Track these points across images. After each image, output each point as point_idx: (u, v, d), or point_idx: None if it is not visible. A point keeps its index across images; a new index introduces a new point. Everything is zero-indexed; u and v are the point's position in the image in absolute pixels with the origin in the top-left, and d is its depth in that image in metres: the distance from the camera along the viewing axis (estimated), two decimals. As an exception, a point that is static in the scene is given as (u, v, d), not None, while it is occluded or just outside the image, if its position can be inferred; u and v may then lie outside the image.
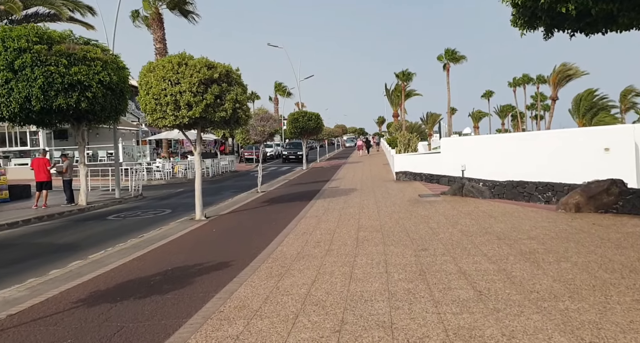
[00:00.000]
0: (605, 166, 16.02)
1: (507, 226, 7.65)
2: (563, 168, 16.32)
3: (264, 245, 7.60)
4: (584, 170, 15.95)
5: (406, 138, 30.66)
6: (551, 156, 16.69)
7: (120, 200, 16.59)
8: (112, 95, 14.41)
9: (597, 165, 16.10)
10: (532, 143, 17.19)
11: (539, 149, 16.87)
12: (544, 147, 16.91)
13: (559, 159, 16.59)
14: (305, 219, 9.99)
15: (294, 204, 12.67)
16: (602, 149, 16.36)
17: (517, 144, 17.51)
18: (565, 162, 16.51)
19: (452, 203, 10.99)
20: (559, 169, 16.41)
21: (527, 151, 16.99)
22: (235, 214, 11.74)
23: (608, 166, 15.96)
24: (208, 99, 10.10)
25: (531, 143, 17.20)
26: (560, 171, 16.16)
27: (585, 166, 16.13)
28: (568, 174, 15.12)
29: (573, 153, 16.51)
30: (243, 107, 10.91)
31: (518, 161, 16.85)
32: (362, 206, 11.38)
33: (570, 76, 60.19)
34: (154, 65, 10.42)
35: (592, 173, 15.82)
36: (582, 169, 16.03)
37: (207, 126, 11.28)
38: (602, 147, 16.33)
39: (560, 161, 16.57)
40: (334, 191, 15.43)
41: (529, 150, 16.98)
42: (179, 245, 8.08)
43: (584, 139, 16.58)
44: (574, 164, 16.36)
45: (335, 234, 8.05)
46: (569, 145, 16.68)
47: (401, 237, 7.37)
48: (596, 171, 15.94)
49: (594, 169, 15.99)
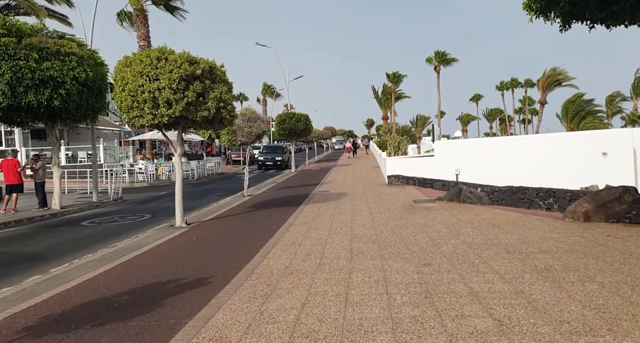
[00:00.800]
0: (603, 170, 15.64)
1: (514, 237, 7.02)
2: (559, 172, 15.87)
3: (248, 257, 6.87)
4: (581, 175, 15.55)
5: (396, 141, 30.13)
6: (546, 161, 16.24)
7: (98, 204, 15.68)
8: (89, 93, 13.54)
9: (593, 170, 15.72)
10: (528, 146, 16.73)
11: (534, 153, 16.41)
12: (539, 151, 16.45)
13: (555, 163, 16.14)
14: (294, 227, 9.28)
15: (282, 210, 11.94)
16: (599, 153, 16.00)
17: (513, 147, 17.02)
18: (561, 166, 16.06)
19: (449, 209, 10.37)
20: (555, 174, 15.95)
21: (522, 155, 16.51)
22: (219, 220, 10.97)
23: (605, 170, 15.58)
24: (189, 97, 9.35)
25: (527, 146, 16.74)
26: (555, 176, 15.70)
27: (582, 171, 15.73)
28: (564, 179, 14.66)
29: (569, 157, 16.10)
30: (228, 106, 10.17)
31: (514, 165, 16.36)
32: (354, 213, 10.70)
33: (560, 81, 60.42)
34: (130, 59, 9.63)
35: (588, 178, 15.44)
36: (578, 174, 15.63)
37: (189, 126, 10.52)
38: (599, 151, 15.96)
39: (556, 165, 16.11)
40: (324, 196, 14.73)
41: (524, 154, 16.51)
42: (154, 256, 7.30)
43: (581, 143, 16.17)
44: (570, 169, 15.93)
45: (327, 245, 7.35)
46: (566, 149, 16.25)
47: (400, 249, 6.70)
48: (593, 176, 15.56)
49: (591, 174, 15.61)
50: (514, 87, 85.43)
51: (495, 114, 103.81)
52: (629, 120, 55.29)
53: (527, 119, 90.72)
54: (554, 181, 13.81)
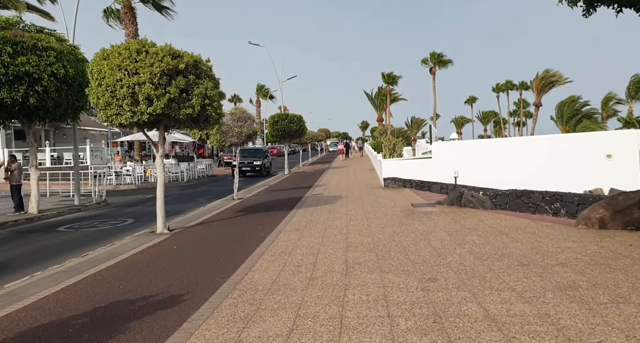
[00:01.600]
0: (607, 173, 15.07)
1: (525, 246, 6.37)
2: (561, 175, 15.27)
3: (231, 268, 6.16)
4: (584, 178, 14.97)
5: (391, 143, 29.49)
6: (547, 163, 15.65)
7: (79, 208, 14.90)
8: (69, 90, 12.79)
9: (597, 172, 15.15)
10: (528, 148, 16.14)
11: (534, 155, 15.82)
12: (540, 153, 15.86)
13: (556, 165, 15.55)
14: (285, 233, 8.58)
15: (272, 215, 11.24)
16: (603, 155, 15.44)
17: (513, 149, 16.42)
18: (564, 169, 15.47)
19: (451, 214, 9.72)
20: (556, 176, 15.36)
21: (523, 156, 15.90)
22: (205, 226, 10.24)
23: (610, 173, 15.01)
24: (172, 93, 8.64)
25: (527, 148, 16.15)
26: (557, 179, 15.11)
27: (585, 174, 15.16)
28: (566, 182, 14.06)
29: (572, 159, 15.52)
30: (214, 103, 9.46)
31: (513, 167, 15.75)
32: (349, 218, 10.02)
33: (553, 83, 60.16)
34: (108, 52, 8.91)
35: (592, 181, 14.86)
36: (581, 176, 15.05)
37: (172, 124, 9.80)
38: (603, 153, 15.40)
39: (557, 168, 15.52)
40: (318, 199, 14.04)
41: (524, 156, 15.91)
42: (126, 268, 6.58)
43: (584, 144, 15.60)
44: (573, 172, 15.35)
45: (319, 254, 6.66)
46: (568, 151, 15.68)
47: (400, 260, 6.02)
48: (596, 179, 14.98)
49: (594, 176, 15.04)
50: (509, 90, 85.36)
51: (490, 116, 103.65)
52: (624, 123, 55.13)
53: (522, 122, 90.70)
54: (556, 184, 13.21)
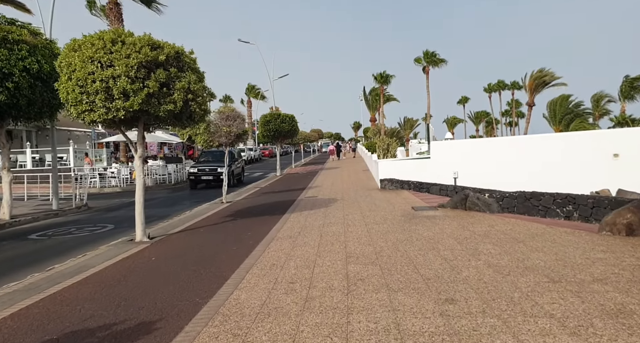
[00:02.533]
0: (614, 173, 14.46)
1: (549, 257, 5.63)
2: (565, 175, 14.64)
3: (215, 285, 5.35)
4: (589, 178, 14.34)
5: (385, 143, 28.82)
6: (550, 162, 15.02)
7: (57, 212, 13.96)
8: (44, 87, 11.87)
9: (603, 172, 14.53)
10: (531, 147, 15.50)
11: (537, 154, 15.18)
12: (542, 152, 15.24)
13: (560, 165, 14.89)
14: (276, 242, 7.77)
15: (263, 220, 10.42)
16: (609, 154, 14.83)
17: (514, 148, 15.78)
18: (568, 169, 14.82)
19: (457, 219, 8.97)
20: (560, 177, 14.72)
21: (525, 156, 15.26)
22: (189, 233, 9.40)
23: (617, 173, 14.40)
24: (151, 87, 7.81)
25: (529, 147, 15.51)
26: (561, 179, 14.47)
27: (591, 174, 14.53)
28: (571, 183, 13.42)
29: (576, 158, 14.89)
30: (198, 99, 8.63)
31: (514, 167, 15.09)
32: (347, 223, 9.24)
33: (547, 81, 59.89)
34: (79, 42, 8.04)
35: (598, 181, 14.23)
36: (587, 176, 14.42)
37: (152, 122, 8.95)
38: (610, 152, 14.78)
39: (561, 167, 14.87)
40: (312, 202, 13.25)
41: (527, 155, 15.27)
42: (95, 285, 5.73)
43: (590, 143, 14.99)
44: (578, 171, 14.73)
45: (315, 267, 5.87)
46: (572, 150, 15.03)
47: (409, 275, 5.25)
48: (603, 179, 14.35)
49: (601, 177, 14.41)
50: (501, 90, 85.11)
51: (482, 116, 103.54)
52: (617, 122, 55.04)
53: (514, 122, 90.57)
54: (559, 185, 12.56)
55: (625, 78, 59.15)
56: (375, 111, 60.61)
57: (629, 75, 56.78)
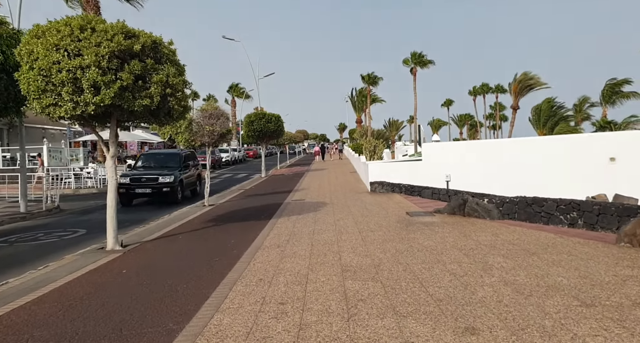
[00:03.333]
0: (610, 178, 14.09)
1: (571, 274, 5.04)
2: (559, 179, 14.25)
3: (192, 306, 4.62)
4: (584, 182, 13.94)
5: (372, 145, 28.34)
6: (543, 166, 14.63)
7: (25, 215, 12.98)
8: (9, 80, 10.90)
9: (599, 177, 14.14)
10: (524, 150, 15.08)
11: (530, 157, 14.76)
12: (535, 155, 14.83)
13: (554, 169, 14.53)
14: (263, 251, 7.06)
15: (248, 226, 9.68)
16: (605, 158, 14.46)
17: (507, 151, 15.32)
18: (562, 172, 14.45)
19: (456, 226, 8.38)
20: (554, 181, 14.33)
21: (518, 159, 14.81)
22: (166, 241, 8.60)
23: (613, 178, 14.03)
24: (124, 80, 7.03)
25: (523, 150, 15.08)
26: (554, 183, 14.08)
27: (586, 178, 14.13)
28: (564, 188, 13.00)
29: (571, 162, 14.52)
30: (177, 94, 7.86)
31: (508, 170, 14.63)
32: (339, 230, 8.56)
33: (531, 85, 60.29)
34: (43, 28, 7.21)
35: (593, 186, 13.84)
36: (581, 181, 14.02)
37: (126, 118, 8.13)
38: (606, 156, 14.41)
39: (555, 171, 14.50)
40: (300, 206, 12.54)
41: (520, 158, 14.82)
42: (51, 305, 4.94)
43: (585, 146, 14.61)
44: (572, 176, 14.33)
45: (308, 284, 5.18)
46: (566, 153, 14.66)
47: (417, 295, 4.59)
48: (598, 184, 13.97)
49: (596, 181, 14.02)
50: (485, 93, 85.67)
51: (466, 119, 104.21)
52: (599, 126, 55.62)
53: (498, 125, 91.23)
54: (552, 190, 12.14)
55: (607, 82, 59.86)
56: (361, 113, 60.17)
57: (616, 78, 57.30)
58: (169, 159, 16.78)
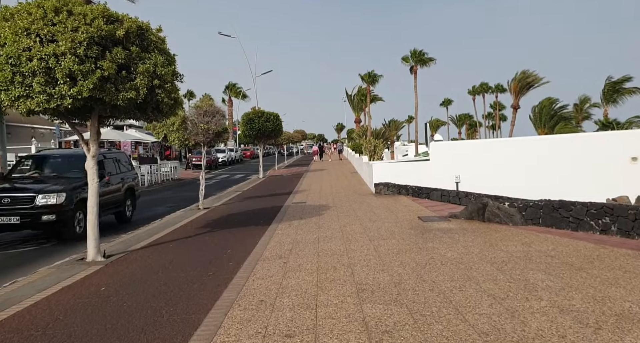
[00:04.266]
0: (631, 178, 13.27)
1: (638, 297, 4.19)
2: (574, 180, 13.47)
3: (179, 339, 3.76)
4: (603, 184, 13.12)
5: (372, 145, 27.54)
6: (556, 167, 13.82)
7: (6, 220, 12.01)
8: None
9: (619, 178, 13.32)
10: (536, 149, 14.25)
11: (543, 158, 13.95)
12: (547, 155, 14.01)
13: (568, 169, 13.73)
14: (263, 264, 6.20)
15: (245, 232, 8.81)
16: (626, 158, 13.66)
17: (520, 151, 14.46)
18: (578, 174, 13.66)
19: (479, 234, 7.53)
20: (569, 182, 13.55)
21: (533, 159, 13.96)
22: (155, 250, 7.72)
23: (635, 178, 13.23)
24: (106, 69, 6.17)
25: (534, 149, 14.26)
26: (570, 185, 13.29)
27: (604, 179, 13.31)
28: (581, 189, 12.19)
29: (588, 162, 13.71)
30: (166, 85, 7.00)
31: (520, 171, 13.79)
32: (347, 237, 7.71)
33: (531, 83, 59.55)
34: (12, 11, 6.34)
35: (613, 188, 13.02)
36: (600, 182, 13.21)
37: (109, 114, 7.24)
38: (627, 155, 13.61)
39: (569, 172, 13.70)
40: (301, 210, 11.68)
41: (534, 158, 13.97)
42: (11, 334, 4.06)
43: (603, 145, 13.80)
44: (590, 177, 13.52)
45: (319, 308, 4.32)
46: (583, 153, 13.88)
47: (454, 325, 3.74)
48: (618, 186, 13.14)
49: (616, 182, 13.19)
50: (485, 92, 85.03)
51: (465, 119, 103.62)
52: (601, 125, 54.93)
53: (497, 125, 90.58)
54: (569, 191, 11.33)
55: (607, 80, 59.23)
56: (360, 112, 59.30)
57: (612, 76, 56.67)
58: (68, 164, 10.29)
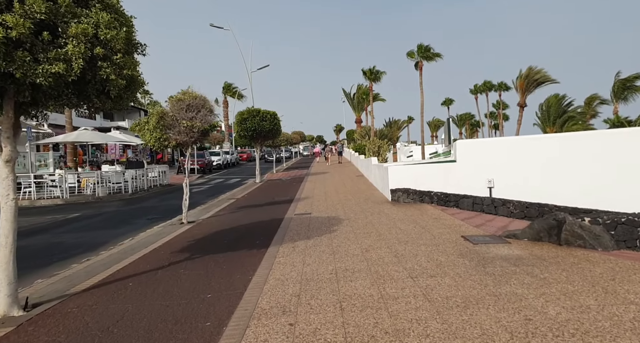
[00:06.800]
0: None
1: None
2: (619, 186, 11.22)
3: None
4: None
5: (375, 145, 25.43)
6: (601, 170, 11.52)
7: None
8: None
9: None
10: (583, 149, 11.94)
11: (594, 159, 11.61)
12: (596, 156, 11.70)
13: (612, 174, 11.49)
14: (258, 327, 3.95)
15: (235, 260, 6.56)
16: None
17: (566, 149, 12.09)
18: (621, 178, 11.45)
19: (567, 267, 5.30)
20: (613, 188, 11.28)
21: (584, 159, 11.60)
22: (104, 294, 5.44)
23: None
24: (15, 28, 3.97)
25: (582, 149, 11.94)
26: (617, 191, 11.04)
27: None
28: (626, 197, 10.04)
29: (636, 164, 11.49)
30: (115, 57, 4.77)
31: (564, 174, 11.49)
32: (376, 271, 5.46)
33: (538, 80, 57.47)
34: None
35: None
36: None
37: (28, 97, 4.96)
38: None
39: (613, 176, 11.49)
40: (307, 224, 9.43)
41: (589, 158, 11.59)
42: None
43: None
44: (627, 182, 11.30)
45: None
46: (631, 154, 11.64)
47: None
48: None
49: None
50: (488, 91, 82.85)
51: (466, 118, 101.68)
52: (612, 124, 52.93)
53: (500, 124, 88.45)
54: (613, 200, 9.19)
55: (617, 77, 57.31)
56: (361, 112, 57.08)
57: (620, 72, 54.66)
58: None
